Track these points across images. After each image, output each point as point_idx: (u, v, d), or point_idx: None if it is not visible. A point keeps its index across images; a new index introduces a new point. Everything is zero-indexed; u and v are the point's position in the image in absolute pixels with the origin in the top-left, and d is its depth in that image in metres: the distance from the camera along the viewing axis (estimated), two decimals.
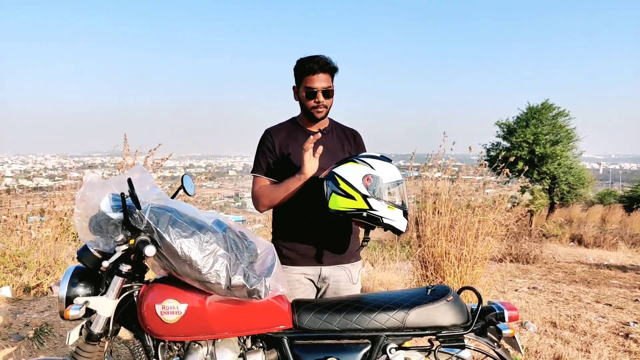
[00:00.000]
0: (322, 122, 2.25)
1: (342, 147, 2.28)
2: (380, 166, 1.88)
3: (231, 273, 1.54)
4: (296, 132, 2.25)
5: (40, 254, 4.71)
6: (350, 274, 2.23)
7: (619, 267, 8.75)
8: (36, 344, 3.25)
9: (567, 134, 18.73)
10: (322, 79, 2.11)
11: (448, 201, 4.63)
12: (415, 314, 1.72)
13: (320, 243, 2.16)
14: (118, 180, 1.60)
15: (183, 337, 1.64)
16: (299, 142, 2.15)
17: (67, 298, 1.60)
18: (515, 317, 1.78)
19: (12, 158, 70.64)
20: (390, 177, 1.87)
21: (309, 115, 2.19)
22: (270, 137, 2.24)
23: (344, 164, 1.91)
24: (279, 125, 2.31)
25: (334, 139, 2.28)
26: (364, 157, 1.92)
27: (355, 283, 2.25)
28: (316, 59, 2.11)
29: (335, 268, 2.20)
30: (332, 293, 2.20)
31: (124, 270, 1.58)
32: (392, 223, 1.87)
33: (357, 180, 1.84)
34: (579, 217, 16.53)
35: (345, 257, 2.23)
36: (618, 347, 3.76)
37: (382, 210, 1.84)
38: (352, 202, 1.84)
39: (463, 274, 4.46)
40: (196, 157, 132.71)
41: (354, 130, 2.38)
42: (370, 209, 1.83)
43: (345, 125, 2.39)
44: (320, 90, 2.11)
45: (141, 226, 1.50)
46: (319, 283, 2.21)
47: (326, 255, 2.18)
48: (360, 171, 1.86)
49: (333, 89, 2.17)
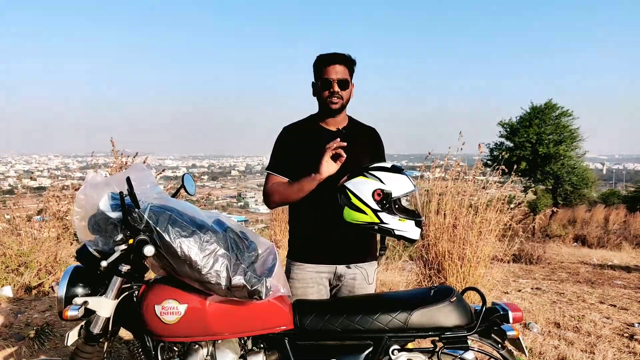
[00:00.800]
0: (340, 120, 2.24)
1: (361, 146, 2.25)
2: (391, 179, 1.90)
3: (232, 273, 1.52)
4: (313, 130, 2.23)
5: (41, 254, 4.71)
6: (366, 273, 2.22)
7: (623, 268, 8.70)
8: (37, 344, 3.24)
9: (571, 134, 18.67)
10: (339, 71, 2.13)
11: (451, 201, 4.61)
12: (418, 315, 1.70)
13: (337, 242, 2.15)
14: (119, 178, 1.59)
15: (183, 337, 1.62)
16: (315, 141, 2.14)
17: (66, 298, 1.58)
18: (520, 318, 1.76)
19: (16, 158, 70.92)
20: (401, 189, 1.89)
21: (325, 108, 2.18)
22: (288, 135, 2.24)
23: (355, 178, 1.94)
24: (296, 122, 2.30)
25: (353, 138, 2.23)
26: (375, 169, 1.94)
27: (370, 283, 2.24)
28: (335, 52, 2.15)
29: (352, 267, 2.19)
30: (347, 292, 2.19)
31: (123, 270, 1.56)
32: (404, 234, 1.91)
33: (367, 195, 1.88)
34: (583, 217, 16.47)
35: (362, 256, 2.21)
36: (623, 348, 3.73)
37: (394, 223, 1.88)
38: (363, 216, 1.89)
39: (466, 274, 4.43)
40: (199, 157, 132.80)
41: (372, 128, 2.37)
42: (381, 222, 1.88)
43: (364, 123, 2.38)
44: (335, 80, 2.12)
45: (140, 225, 1.48)
46: (334, 281, 2.20)
47: (342, 253, 2.17)
48: (370, 186, 1.89)
49: (349, 81, 2.17)
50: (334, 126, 2.24)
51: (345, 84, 2.14)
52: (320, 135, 2.18)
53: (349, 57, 2.17)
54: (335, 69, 2.13)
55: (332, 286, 2.22)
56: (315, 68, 2.20)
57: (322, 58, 2.16)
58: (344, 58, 2.15)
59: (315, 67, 2.19)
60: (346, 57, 2.16)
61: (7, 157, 71.63)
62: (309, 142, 2.18)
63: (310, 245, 2.18)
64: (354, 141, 2.22)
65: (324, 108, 2.20)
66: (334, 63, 2.13)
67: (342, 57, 2.15)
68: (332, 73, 2.12)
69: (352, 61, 2.18)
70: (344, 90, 2.15)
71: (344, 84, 2.14)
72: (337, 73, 2.13)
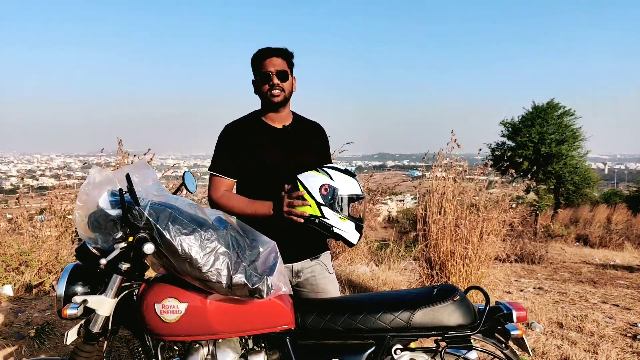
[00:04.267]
0: (284, 116, 2.22)
1: (307, 140, 2.25)
2: (340, 178, 1.94)
3: (232, 271, 1.50)
4: (258, 127, 2.19)
5: (42, 253, 4.70)
6: (323, 264, 2.22)
7: (626, 268, 8.66)
8: (37, 343, 3.23)
9: (573, 134, 18.60)
10: (276, 63, 2.12)
11: (453, 200, 4.59)
12: (421, 314, 1.68)
13: (286, 240, 2.05)
14: (120, 175, 1.57)
15: (183, 336, 1.60)
16: (259, 138, 2.14)
17: (65, 296, 1.56)
18: (524, 317, 1.74)
19: (18, 157, 70.97)
20: (348, 189, 1.93)
21: (267, 102, 2.16)
22: (230, 134, 2.17)
23: (308, 171, 1.98)
24: (239, 120, 2.24)
25: (298, 134, 2.24)
26: (328, 167, 1.99)
27: (331, 272, 2.24)
28: (269, 47, 2.14)
29: (306, 262, 2.18)
30: (309, 285, 2.18)
31: (122, 268, 1.55)
32: (342, 234, 1.94)
33: (315, 188, 1.92)
34: (585, 217, 16.43)
35: (313, 250, 2.21)
36: (626, 348, 3.70)
37: (334, 220, 1.91)
38: (307, 208, 1.92)
39: (468, 273, 4.41)
40: (200, 157, 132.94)
41: (317, 124, 2.36)
42: (322, 216, 1.91)
43: (308, 118, 2.36)
44: (274, 72, 2.10)
45: (140, 223, 1.46)
46: (293, 279, 2.18)
47: (294, 251, 2.13)
48: (319, 180, 1.93)
49: (289, 72, 2.15)
50: (278, 123, 2.20)
51: (284, 76, 2.12)
52: (264, 131, 2.16)
53: (285, 50, 2.16)
54: (272, 62, 2.11)
55: (293, 284, 2.18)
56: (253, 65, 2.17)
57: (259, 53, 2.14)
58: (280, 51, 2.14)
59: (254, 64, 2.17)
60: (283, 50, 2.15)
61: (9, 157, 71.83)
62: (252, 140, 2.14)
63: None
64: (299, 138, 2.23)
65: (266, 102, 2.16)
66: (271, 56, 2.12)
67: (279, 50, 2.14)
68: (269, 66, 2.11)
69: (289, 54, 2.17)
70: (284, 82, 2.13)
71: (284, 76, 2.12)
72: (275, 65, 2.11)
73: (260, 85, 2.13)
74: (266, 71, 2.10)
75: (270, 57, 2.11)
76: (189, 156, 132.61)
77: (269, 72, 2.10)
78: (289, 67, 2.17)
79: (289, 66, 2.17)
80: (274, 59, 2.11)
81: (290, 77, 2.17)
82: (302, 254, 2.17)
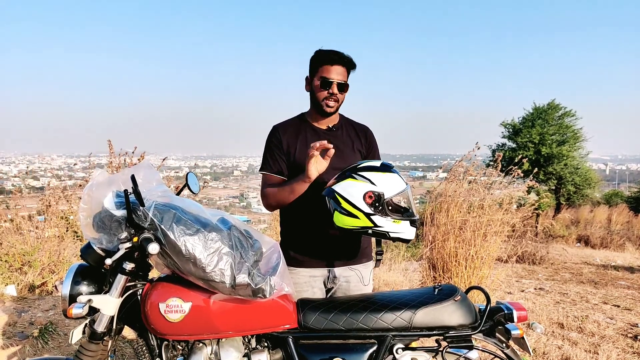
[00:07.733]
0: (332, 118, 2.17)
1: (352, 145, 2.20)
2: (381, 179, 1.79)
3: (236, 272, 1.52)
4: (304, 129, 2.17)
5: (45, 253, 4.71)
6: (360, 274, 2.17)
7: (627, 268, 8.66)
8: (41, 343, 3.25)
9: (574, 134, 18.59)
10: (339, 72, 2.05)
11: (456, 201, 4.59)
12: (423, 314, 1.69)
13: (329, 244, 2.10)
14: (125, 176, 1.58)
15: (187, 336, 1.62)
16: (306, 140, 2.10)
17: (70, 296, 1.58)
18: (525, 317, 1.75)
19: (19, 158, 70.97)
20: (393, 189, 1.78)
21: (319, 108, 2.11)
22: (278, 134, 2.16)
23: (344, 181, 1.81)
24: (286, 121, 2.24)
25: (344, 137, 2.20)
26: (364, 170, 1.82)
27: (366, 284, 2.19)
28: (337, 51, 2.06)
29: (345, 269, 2.15)
30: (342, 294, 2.15)
31: (127, 268, 1.56)
32: (399, 236, 1.80)
33: (358, 198, 1.76)
34: (586, 217, 16.41)
35: (356, 258, 2.17)
36: (627, 348, 3.72)
37: (388, 225, 1.78)
38: (356, 220, 1.78)
39: (470, 274, 4.42)
40: (201, 157, 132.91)
41: (364, 126, 2.30)
42: (375, 225, 1.77)
43: (356, 121, 2.31)
44: (335, 81, 2.04)
45: (145, 223, 1.48)
46: (328, 284, 2.15)
47: (335, 256, 2.13)
48: (361, 188, 1.77)
49: (348, 85, 2.10)
50: (324, 124, 2.18)
51: (344, 87, 2.07)
52: (311, 134, 2.13)
53: (351, 59, 2.08)
54: (337, 70, 2.04)
55: (327, 288, 2.17)
56: (313, 63, 2.10)
57: (323, 55, 2.06)
58: (347, 60, 2.06)
59: (314, 63, 2.09)
60: (350, 60, 2.08)
61: (11, 157, 71.96)
62: (299, 140, 2.13)
63: (302, 250, 2.12)
64: (345, 139, 2.18)
65: (318, 108, 2.12)
66: (337, 64, 2.04)
67: (347, 60, 2.06)
68: (334, 73, 2.04)
69: (354, 65, 2.11)
70: (342, 93, 2.08)
71: (343, 87, 2.07)
72: (339, 74, 2.05)
73: (319, 89, 2.07)
74: (328, 78, 2.03)
75: (337, 65, 2.04)
76: (189, 156, 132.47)
77: (332, 80, 2.03)
78: (348, 77, 2.11)
79: (348, 76, 2.11)
80: (340, 68, 2.04)
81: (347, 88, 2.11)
82: (342, 261, 2.14)
